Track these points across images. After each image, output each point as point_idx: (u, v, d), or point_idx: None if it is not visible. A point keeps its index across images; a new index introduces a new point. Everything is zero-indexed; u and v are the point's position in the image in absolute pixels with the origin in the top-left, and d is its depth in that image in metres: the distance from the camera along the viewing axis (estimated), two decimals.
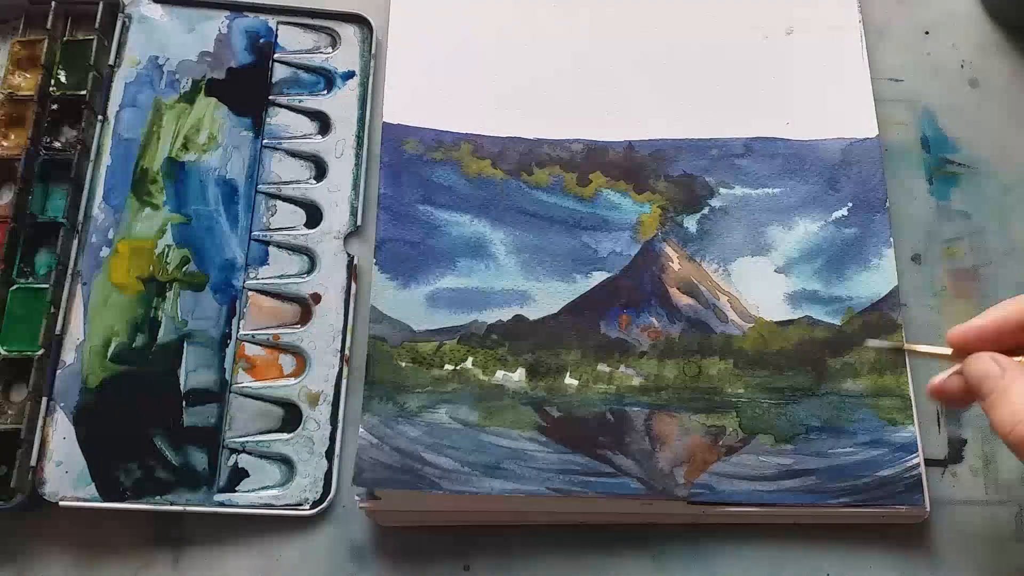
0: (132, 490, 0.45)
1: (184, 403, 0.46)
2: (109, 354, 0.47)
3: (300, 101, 0.52)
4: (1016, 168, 0.52)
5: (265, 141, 0.51)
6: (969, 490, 0.46)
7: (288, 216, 0.50)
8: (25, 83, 0.52)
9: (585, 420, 0.45)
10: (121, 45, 0.53)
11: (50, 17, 0.52)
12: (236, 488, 0.45)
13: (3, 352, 0.47)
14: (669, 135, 0.50)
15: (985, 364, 0.38)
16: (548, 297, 0.47)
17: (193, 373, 0.47)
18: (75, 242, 0.49)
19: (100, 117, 0.51)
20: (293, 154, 0.51)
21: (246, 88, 0.52)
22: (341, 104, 0.52)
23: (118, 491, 0.45)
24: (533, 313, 0.47)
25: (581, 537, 0.45)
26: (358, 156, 0.51)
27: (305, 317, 0.49)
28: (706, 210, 0.49)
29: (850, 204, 0.49)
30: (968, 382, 0.39)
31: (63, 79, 0.52)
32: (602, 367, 0.46)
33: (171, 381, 0.47)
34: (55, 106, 0.51)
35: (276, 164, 0.51)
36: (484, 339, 0.46)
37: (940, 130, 0.52)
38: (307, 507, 0.45)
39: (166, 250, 0.49)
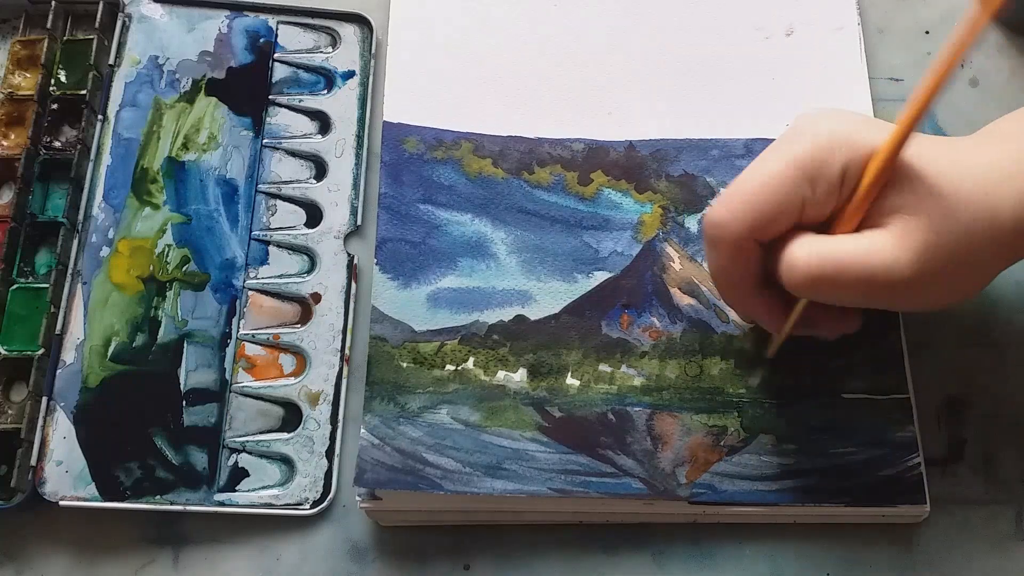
0: (132, 490, 0.45)
1: (184, 403, 0.46)
2: (109, 354, 0.47)
3: (300, 101, 0.52)
4: None
5: (265, 141, 0.51)
6: (969, 490, 0.46)
7: (288, 216, 0.50)
8: (25, 83, 0.52)
9: (587, 420, 0.45)
10: (121, 45, 0.53)
11: (50, 17, 0.52)
12: (236, 488, 0.45)
13: (3, 352, 0.47)
14: (670, 135, 0.50)
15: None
16: (549, 297, 0.47)
17: (193, 373, 0.47)
18: (75, 242, 0.49)
19: (100, 117, 0.51)
20: (293, 154, 0.51)
21: (246, 88, 0.52)
22: (341, 104, 0.52)
23: (118, 491, 0.45)
24: (534, 313, 0.47)
25: (581, 537, 0.45)
26: (358, 156, 0.51)
27: (305, 317, 0.49)
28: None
29: None
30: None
31: (63, 79, 0.52)
32: (603, 367, 0.46)
33: (171, 381, 0.47)
34: (55, 106, 0.51)
35: (276, 164, 0.51)
36: (485, 339, 0.46)
37: (940, 130, 0.52)
38: (307, 507, 0.45)
39: (166, 250, 0.49)
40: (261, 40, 0.53)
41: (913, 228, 0.37)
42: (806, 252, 0.38)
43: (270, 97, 0.52)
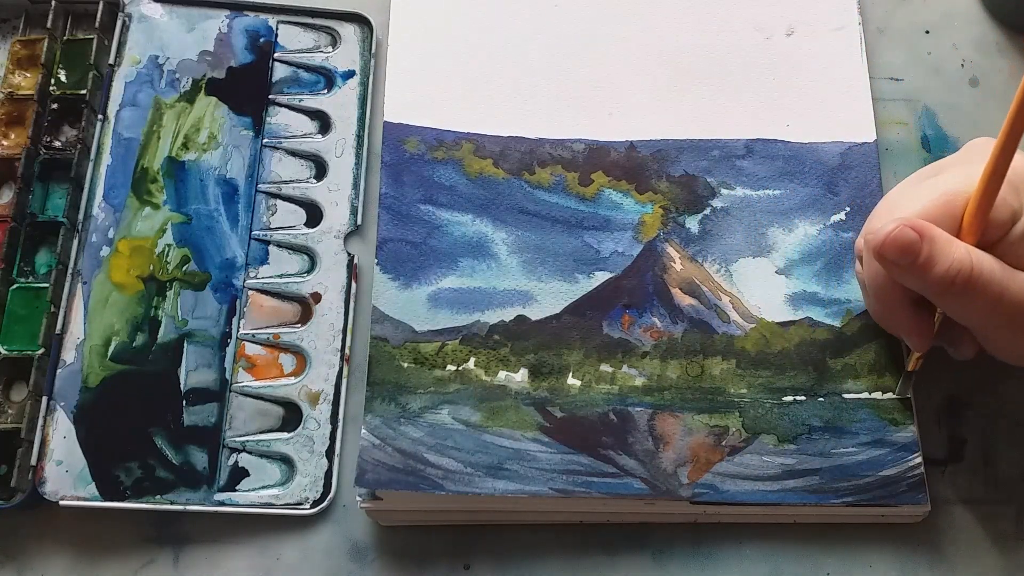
0: (132, 489, 0.45)
1: (184, 402, 0.46)
2: (109, 353, 0.47)
3: (300, 100, 0.52)
4: None
5: (265, 140, 0.51)
6: (969, 489, 0.46)
7: (288, 215, 0.50)
8: (25, 82, 0.52)
9: (588, 420, 0.45)
10: (121, 44, 0.53)
11: (50, 16, 0.52)
12: (236, 487, 0.45)
13: (3, 351, 0.47)
14: (671, 135, 0.50)
15: (899, 245, 0.39)
16: (550, 297, 0.47)
17: (193, 372, 0.47)
18: (75, 241, 0.49)
19: (100, 116, 0.51)
20: (293, 153, 0.51)
21: (246, 87, 0.52)
22: (341, 103, 0.52)
23: (118, 490, 0.45)
24: (535, 313, 0.47)
25: (581, 537, 0.45)
26: (358, 155, 0.51)
27: (305, 316, 0.49)
28: (708, 211, 0.49)
29: (848, 208, 0.49)
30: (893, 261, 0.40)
31: (63, 78, 0.52)
32: (605, 367, 0.46)
33: (171, 380, 0.47)
34: (55, 105, 0.51)
35: (276, 163, 0.51)
36: (486, 339, 0.46)
37: (940, 129, 0.52)
38: (307, 506, 0.45)
39: (166, 249, 0.49)
40: (261, 40, 0.53)
41: None
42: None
43: (270, 97, 0.52)
